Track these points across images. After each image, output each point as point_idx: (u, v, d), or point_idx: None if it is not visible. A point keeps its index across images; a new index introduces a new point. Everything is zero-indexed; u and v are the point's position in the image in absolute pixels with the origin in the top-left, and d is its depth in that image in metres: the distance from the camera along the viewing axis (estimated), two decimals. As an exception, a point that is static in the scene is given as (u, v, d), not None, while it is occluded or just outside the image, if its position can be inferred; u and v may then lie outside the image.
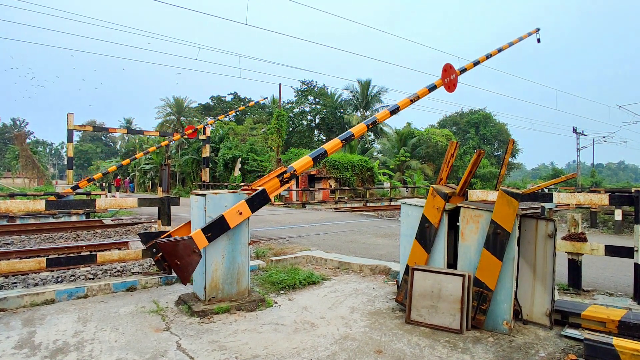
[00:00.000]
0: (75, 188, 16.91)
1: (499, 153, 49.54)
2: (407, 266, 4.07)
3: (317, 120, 46.27)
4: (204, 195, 4.11)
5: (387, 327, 3.70)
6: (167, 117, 47.92)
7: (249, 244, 4.41)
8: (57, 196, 15.56)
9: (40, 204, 4.67)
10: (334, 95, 46.12)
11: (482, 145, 46.58)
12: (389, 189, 28.82)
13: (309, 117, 46.54)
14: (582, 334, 3.29)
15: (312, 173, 28.10)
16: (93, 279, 5.43)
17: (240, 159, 30.99)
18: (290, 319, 3.92)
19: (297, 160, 4.81)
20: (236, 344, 3.31)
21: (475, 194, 5.06)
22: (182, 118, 46.73)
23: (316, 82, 46.50)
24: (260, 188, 4.34)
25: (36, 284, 5.28)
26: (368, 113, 44.63)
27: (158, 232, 4.79)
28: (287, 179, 4.54)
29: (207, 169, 29.40)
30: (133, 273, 5.76)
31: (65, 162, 32.76)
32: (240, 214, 4.13)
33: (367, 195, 25.67)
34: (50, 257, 6.68)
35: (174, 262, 3.83)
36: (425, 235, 4.01)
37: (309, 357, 3.08)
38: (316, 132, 47.37)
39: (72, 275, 5.61)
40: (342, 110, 45.40)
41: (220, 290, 4.18)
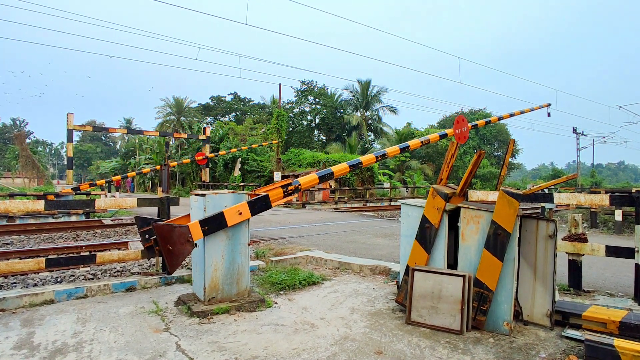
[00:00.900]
0: (75, 189, 16.90)
1: (499, 153, 49.56)
2: (408, 267, 4.07)
3: (317, 121, 46.28)
4: (204, 195, 4.10)
5: (387, 328, 3.69)
6: (167, 117, 47.96)
7: (249, 244, 4.40)
8: (56, 195, 15.56)
9: (39, 204, 4.66)
10: (334, 95, 46.13)
11: (482, 145, 46.58)
12: (389, 189, 28.82)
13: (309, 117, 46.55)
14: (583, 335, 3.28)
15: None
16: (92, 279, 5.42)
17: (240, 159, 30.99)
18: (290, 320, 3.91)
19: (304, 176, 4.88)
20: (236, 345, 3.30)
21: (475, 195, 5.06)
22: (182, 118, 46.77)
23: (316, 82, 46.57)
24: (263, 193, 4.36)
25: (35, 285, 5.27)
26: (368, 113, 44.66)
27: (155, 218, 4.81)
28: (290, 192, 4.58)
29: (207, 169, 29.39)
30: (132, 273, 5.75)
31: (65, 162, 32.76)
32: (240, 214, 4.12)
33: (367, 196, 25.66)
34: (49, 257, 6.67)
35: (166, 247, 3.86)
36: (425, 236, 4.00)
37: (309, 358, 3.07)
38: (316, 132, 47.38)
39: (72, 275, 5.60)
40: (342, 111, 45.42)
41: (220, 290, 4.17)
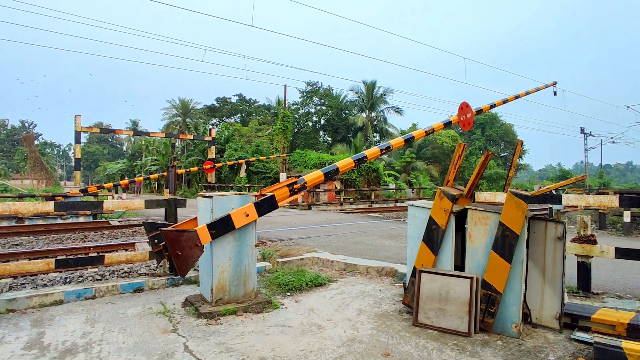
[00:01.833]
0: (84, 191, 17.08)
1: (506, 154, 49.27)
2: (414, 268, 4.05)
3: (322, 122, 46.30)
4: (211, 197, 4.12)
5: (394, 330, 3.68)
6: (173, 118, 48.27)
7: (255, 245, 4.41)
8: (64, 197, 15.72)
9: (49, 206, 4.71)
10: (339, 96, 46.13)
11: (488, 146, 46.34)
12: (394, 190, 28.74)
13: (314, 118, 46.58)
14: (591, 337, 3.25)
15: (317, 174, 28.06)
16: (101, 280, 5.47)
17: (245, 160, 31.08)
18: (297, 321, 3.91)
19: (309, 173, 4.84)
20: (243, 346, 3.31)
21: (482, 196, 5.03)
22: (187, 119, 47.03)
23: (321, 83, 46.58)
24: (269, 194, 4.37)
25: (45, 285, 5.33)
26: (373, 114, 44.60)
27: (163, 222, 4.83)
28: (297, 190, 4.57)
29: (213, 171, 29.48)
30: (140, 274, 5.80)
31: (73, 164, 33.05)
32: (247, 215, 4.14)
33: (373, 197, 25.61)
34: (58, 258, 6.74)
35: (175, 252, 3.88)
36: (432, 237, 3.99)
37: (316, 360, 3.07)
38: (321, 133, 47.39)
39: (80, 276, 5.65)
40: (347, 112, 45.40)
41: (227, 292, 4.18)
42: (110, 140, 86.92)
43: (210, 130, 29.24)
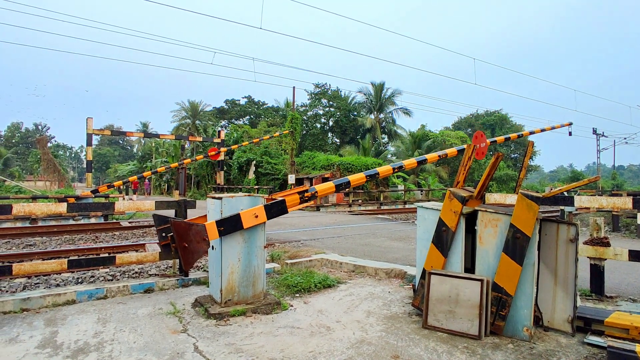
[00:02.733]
0: (95, 192, 17.30)
1: (516, 155, 48.74)
2: (424, 270, 4.03)
3: (330, 123, 46.30)
4: (221, 198, 4.15)
5: (403, 332, 3.66)
6: (182, 120, 48.66)
7: (264, 247, 4.43)
8: (76, 198, 15.93)
9: (62, 207, 4.79)
10: (347, 98, 46.10)
11: (498, 147, 45.85)
12: (403, 192, 28.60)
13: (323, 119, 46.60)
14: (605, 342, 3.20)
15: (326, 176, 28.09)
16: (112, 280, 5.54)
17: (254, 162, 31.22)
18: (306, 323, 3.91)
19: (321, 184, 4.92)
20: (252, 347, 3.32)
21: (492, 197, 4.98)
22: (197, 122, 47.39)
23: (329, 84, 46.59)
24: (280, 198, 4.40)
25: (57, 285, 5.41)
26: (382, 116, 44.49)
27: (173, 217, 4.91)
28: (307, 198, 4.62)
29: (222, 172, 29.68)
30: (150, 275, 5.85)
31: (85, 166, 33.52)
32: (256, 217, 4.16)
33: (382, 198, 25.52)
34: (71, 258, 6.84)
35: (182, 244, 3.95)
36: (442, 239, 3.96)
37: (325, 361, 3.07)
38: (330, 134, 47.39)
39: (92, 276, 5.73)
40: (355, 113, 45.34)
41: (237, 293, 4.20)
42: (121, 142, 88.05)
43: (219, 132, 29.41)
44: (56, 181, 34.64)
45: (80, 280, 5.57)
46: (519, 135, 11.12)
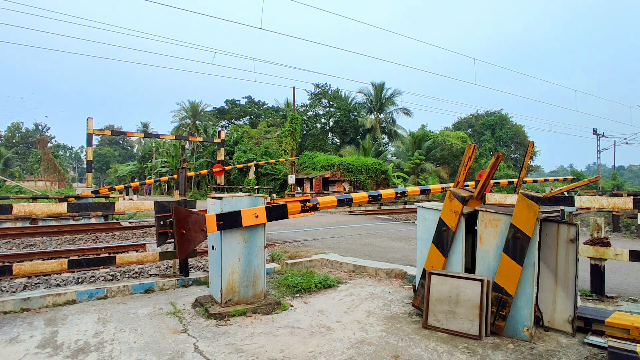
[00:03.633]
0: (95, 192, 17.31)
1: (516, 155, 48.73)
2: (424, 270, 4.03)
3: (330, 123, 46.32)
4: (221, 198, 4.15)
5: (403, 332, 3.66)
6: (182, 120, 48.69)
7: (265, 247, 4.43)
8: (76, 198, 15.93)
9: (62, 207, 4.79)
10: (347, 98, 46.12)
11: (498, 147, 45.91)
12: (403, 192, 28.52)
13: (323, 120, 46.62)
14: (605, 342, 3.20)
15: (326, 176, 28.12)
16: (112, 280, 5.53)
17: (254, 162, 31.24)
18: (306, 323, 3.91)
19: (324, 197, 5.00)
20: (252, 347, 3.32)
21: (492, 197, 4.98)
22: (197, 122, 47.40)
23: (330, 85, 46.62)
24: (282, 202, 4.43)
25: (58, 285, 5.41)
26: (382, 116, 44.49)
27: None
28: (308, 208, 4.66)
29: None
30: (150, 275, 5.85)
31: (85, 166, 33.53)
32: (256, 217, 4.16)
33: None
34: (71, 258, 6.84)
35: (180, 231, 4.00)
36: (442, 239, 3.96)
37: (326, 361, 3.07)
38: (330, 135, 47.41)
39: (92, 276, 5.72)
40: (355, 113, 45.35)
41: (237, 293, 4.20)
42: (121, 142, 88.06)
43: (219, 132, 29.42)
44: (56, 181, 34.66)
45: (80, 280, 5.57)
46: (524, 181, 10.90)
